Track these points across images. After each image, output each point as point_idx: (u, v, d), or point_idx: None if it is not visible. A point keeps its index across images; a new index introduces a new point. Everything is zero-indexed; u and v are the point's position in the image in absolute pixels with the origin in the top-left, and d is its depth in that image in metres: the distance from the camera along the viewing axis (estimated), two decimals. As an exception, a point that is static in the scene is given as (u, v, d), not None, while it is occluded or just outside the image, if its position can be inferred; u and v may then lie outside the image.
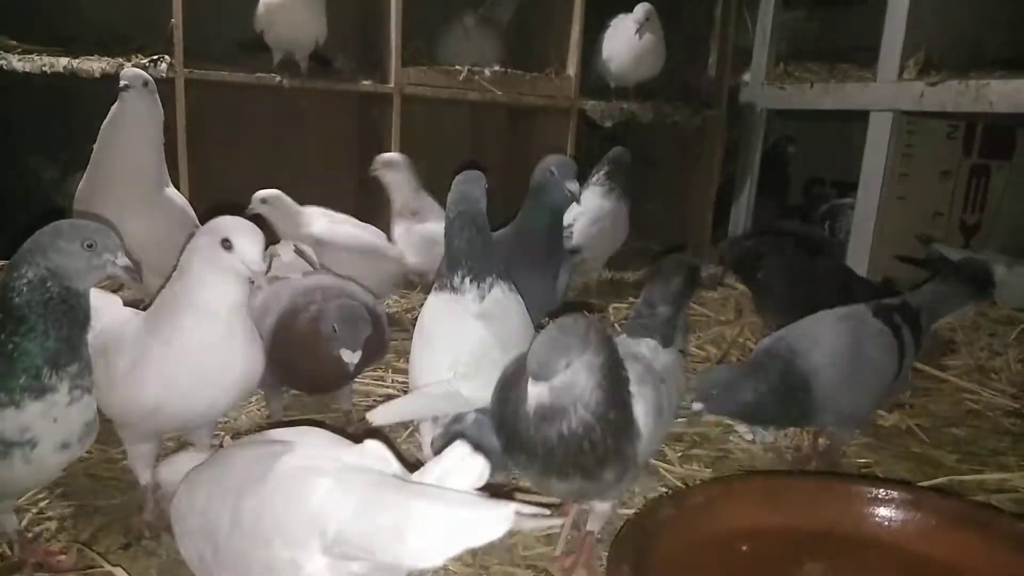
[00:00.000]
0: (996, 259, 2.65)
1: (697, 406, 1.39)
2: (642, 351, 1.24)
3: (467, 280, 1.39)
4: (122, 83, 1.87)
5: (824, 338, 1.47)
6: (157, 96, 1.95)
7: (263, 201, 2.30)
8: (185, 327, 1.19)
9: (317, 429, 1.01)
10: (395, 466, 0.88)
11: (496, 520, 0.74)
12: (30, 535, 1.27)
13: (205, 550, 0.92)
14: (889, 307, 1.58)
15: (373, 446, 0.90)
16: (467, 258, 1.40)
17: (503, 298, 1.41)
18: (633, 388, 1.11)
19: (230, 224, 1.19)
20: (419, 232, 2.56)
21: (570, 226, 2.57)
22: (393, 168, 2.59)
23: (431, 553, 0.76)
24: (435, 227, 2.50)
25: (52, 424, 1.05)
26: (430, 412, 1.34)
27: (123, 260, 1.09)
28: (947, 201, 3.25)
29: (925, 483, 1.52)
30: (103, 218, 1.55)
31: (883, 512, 1.20)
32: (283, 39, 2.82)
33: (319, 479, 0.83)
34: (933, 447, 1.72)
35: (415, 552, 0.76)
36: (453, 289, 1.39)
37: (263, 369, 1.30)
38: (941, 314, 1.68)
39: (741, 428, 1.75)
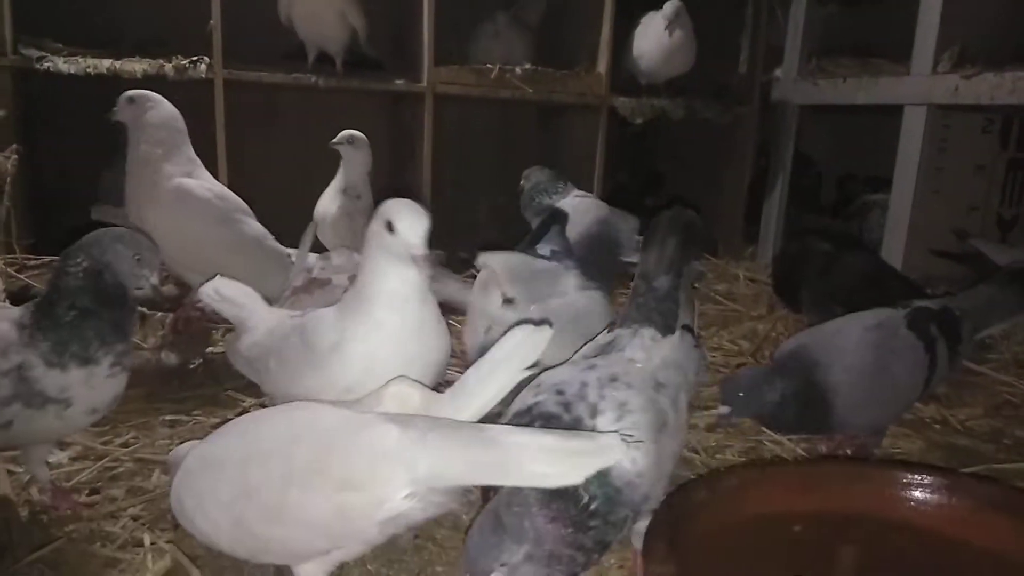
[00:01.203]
0: (1034, 253, 2.62)
1: (724, 410, 1.37)
2: (636, 352, 1.11)
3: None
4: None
5: (848, 351, 1.40)
6: (147, 105, 2.03)
7: (350, 141, 2.46)
8: (378, 316, 1.20)
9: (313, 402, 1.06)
10: (417, 397, 1.00)
11: (605, 446, 0.89)
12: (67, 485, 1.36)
13: (245, 513, 0.96)
14: (927, 315, 1.48)
15: (395, 387, 1.01)
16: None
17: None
18: (629, 421, 0.98)
19: (392, 206, 1.19)
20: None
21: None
22: (355, 146, 2.56)
23: (551, 476, 0.87)
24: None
25: (89, 390, 1.20)
26: None
27: (154, 280, 1.25)
28: (983, 195, 3.21)
29: (962, 471, 1.52)
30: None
31: (918, 496, 1.19)
32: (307, 34, 2.88)
33: (386, 425, 0.92)
34: (969, 437, 1.72)
35: (535, 476, 0.88)
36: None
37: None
38: (990, 323, 1.56)
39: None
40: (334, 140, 2.54)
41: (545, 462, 0.87)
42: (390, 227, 1.17)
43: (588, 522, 0.93)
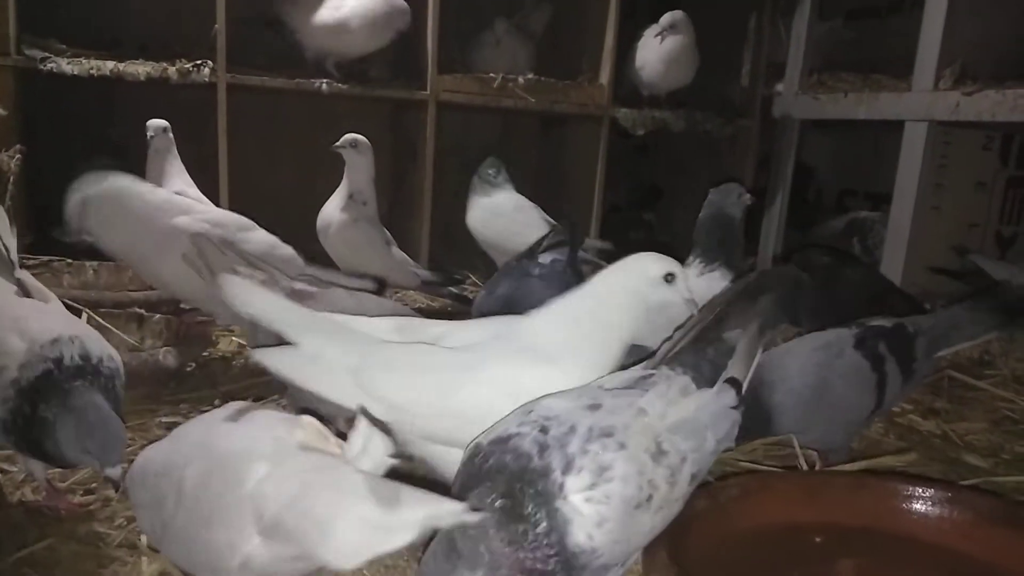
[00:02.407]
0: (1033, 270, 2.62)
1: None
2: (654, 403, 0.98)
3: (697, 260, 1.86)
4: None
5: (790, 373, 1.40)
6: None
7: (353, 144, 2.44)
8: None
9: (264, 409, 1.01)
10: (332, 441, 0.89)
11: (404, 527, 0.74)
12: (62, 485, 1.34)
13: (156, 524, 0.93)
14: (876, 333, 1.47)
15: (309, 421, 0.90)
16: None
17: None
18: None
19: (666, 261, 1.20)
20: (363, 230, 2.52)
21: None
22: (359, 150, 2.53)
23: (345, 556, 0.76)
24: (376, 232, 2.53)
25: None
26: None
27: None
28: (983, 212, 3.22)
29: (962, 484, 1.51)
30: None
31: (919, 509, 1.19)
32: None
33: (255, 464, 0.84)
34: (969, 451, 1.71)
35: (332, 552, 0.76)
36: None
37: None
38: (953, 342, 1.54)
39: None
40: (336, 144, 2.52)
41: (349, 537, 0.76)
42: (669, 278, 1.17)
43: (547, 550, 0.86)
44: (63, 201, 2.07)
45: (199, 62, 2.69)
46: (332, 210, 2.53)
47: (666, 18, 3.06)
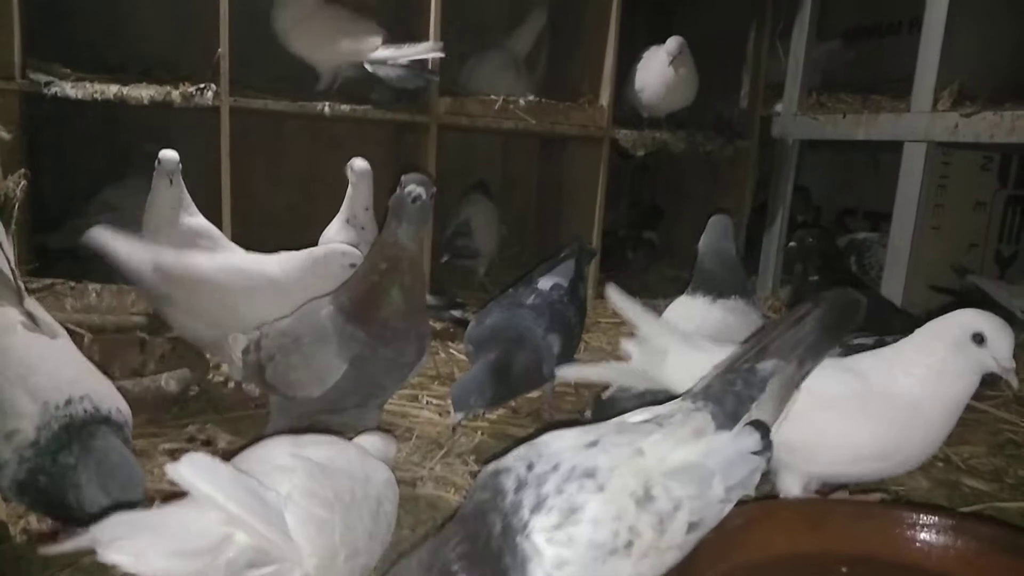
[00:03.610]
0: (1034, 290, 2.64)
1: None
2: (657, 445, 0.92)
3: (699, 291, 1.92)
4: None
5: None
6: None
7: (351, 168, 2.48)
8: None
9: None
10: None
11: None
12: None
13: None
14: (858, 351, 1.39)
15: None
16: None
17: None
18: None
19: (983, 319, 1.21)
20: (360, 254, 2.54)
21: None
22: (356, 174, 2.56)
23: None
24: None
25: None
26: (610, 379, 1.58)
27: None
28: (982, 232, 3.23)
29: (965, 509, 1.51)
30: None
31: (924, 537, 1.19)
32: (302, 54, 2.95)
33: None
34: (971, 475, 1.71)
35: None
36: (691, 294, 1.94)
37: None
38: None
39: None
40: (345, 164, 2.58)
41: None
42: (978, 339, 1.19)
43: None
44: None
45: (202, 85, 2.71)
46: (331, 234, 2.55)
47: (673, 44, 3.09)
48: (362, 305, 1.44)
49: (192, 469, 0.86)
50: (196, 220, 2.29)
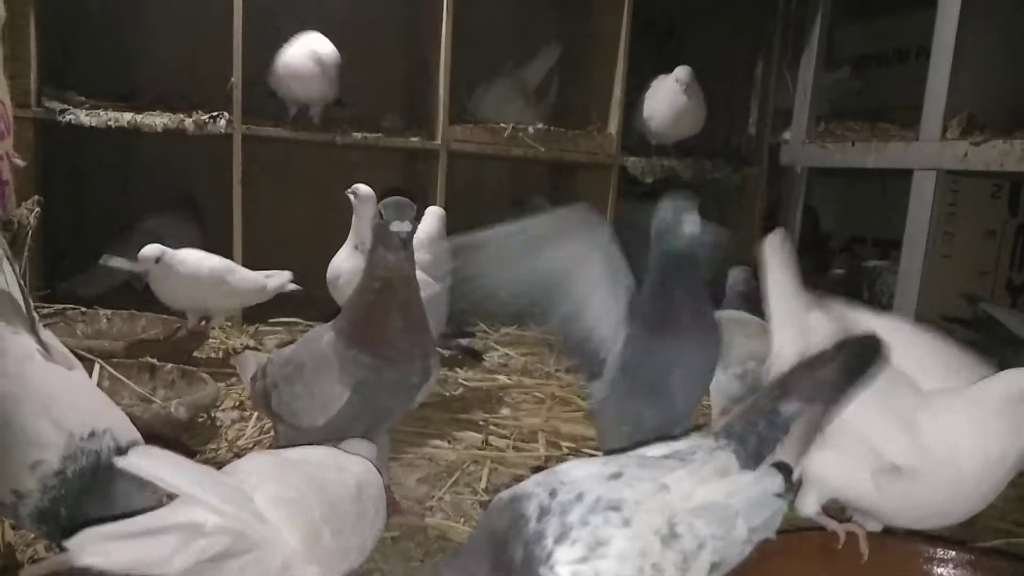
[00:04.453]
0: (1044, 319, 2.61)
1: None
2: (682, 481, 0.91)
3: None
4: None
5: None
6: None
7: (354, 193, 2.47)
8: None
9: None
10: None
11: None
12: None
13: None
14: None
15: None
16: None
17: None
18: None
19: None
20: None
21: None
22: (359, 199, 2.52)
23: None
24: None
25: None
26: None
27: None
28: (993, 260, 3.21)
29: (982, 544, 1.49)
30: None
31: (941, 572, 1.18)
32: (297, 91, 2.95)
33: None
34: (990, 510, 1.67)
35: None
36: None
37: None
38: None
39: None
40: (348, 190, 2.56)
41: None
42: None
43: None
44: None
45: (215, 113, 2.74)
46: (340, 261, 2.54)
47: (683, 73, 3.10)
48: (361, 328, 1.43)
49: (146, 458, 0.89)
50: None
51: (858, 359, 1.04)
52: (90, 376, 1.70)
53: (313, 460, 1.10)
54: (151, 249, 2.29)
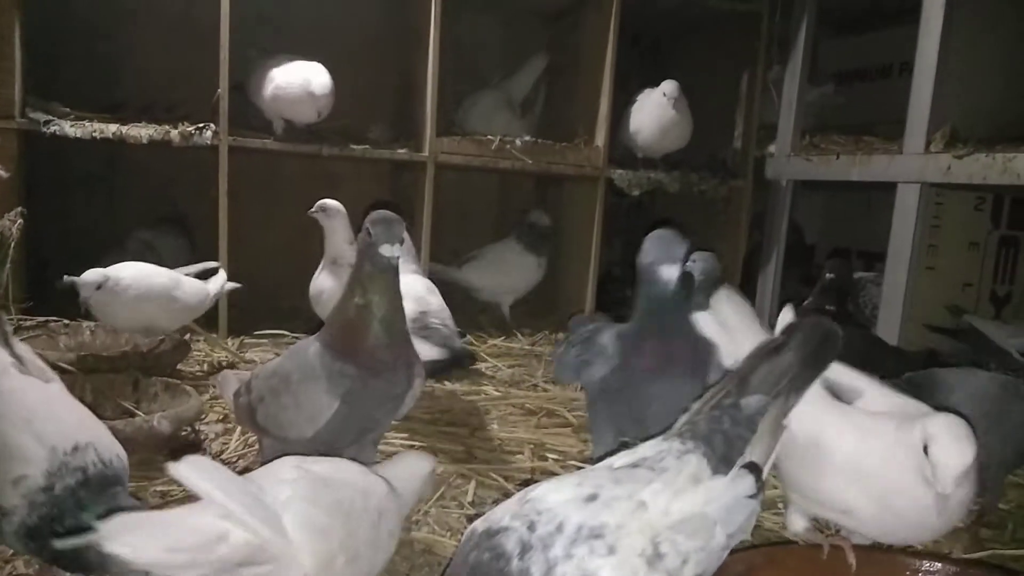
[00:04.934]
0: (1029, 331, 2.64)
1: None
2: (658, 495, 0.90)
3: None
4: None
5: None
6: None
7: (323, 209, 2.45)
8: None
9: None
10: None
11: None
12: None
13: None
14: None
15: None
16: None
17: None
18: None
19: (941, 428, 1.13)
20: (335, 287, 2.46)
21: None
22: (328, 215, 2.51)
23: None
24: None
25: None
26: None
27: None
28: (977, 272, 3.24)
29: (968, 556, 1.49)
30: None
31: (927, 585, 1.18)
32: (285, 109, 2.90)
33: None
34: (972, 522, 1.69)
35: None
36: None
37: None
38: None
39: None
40: (311, 210, 2.52)
41: None
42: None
43: None
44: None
45: (201, 125, 2.73)
46: (321, 279, 2.53)
47: (671, 87, 3.13)
48: (345, 340, 1.43)
49: (191, 468, 0.92)
50: None
51: (813, 346, 1.04)
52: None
53: (345, 481, 1.11)
54: (92, 275, 2.13)
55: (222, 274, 2.45)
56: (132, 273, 2.19)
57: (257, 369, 1.58)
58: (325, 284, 2.51)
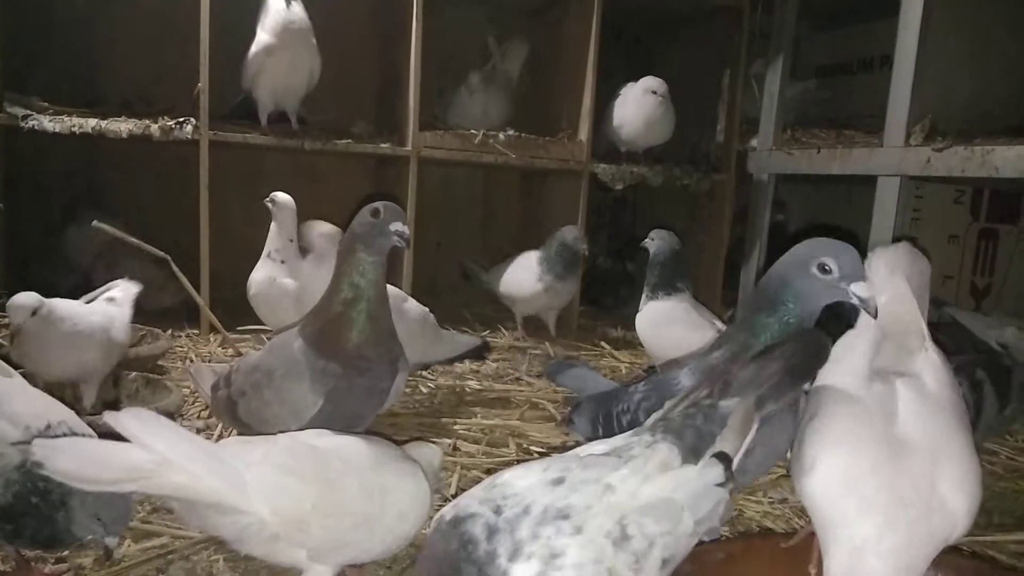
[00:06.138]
0: (1007, 322, 2.66)
1: None
2: (626, 480, 0.91)
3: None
4: None
5: None
6: None
7: (271, 201, 2.42)
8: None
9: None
10: None
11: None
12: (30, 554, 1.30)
13: None
14: None
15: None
16: None
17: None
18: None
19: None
20: (280, 287, 2.48)
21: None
22: (276, 207, 2.48)
23: None
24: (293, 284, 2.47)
25: None
26: None
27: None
28: (957, 264, 3.28)
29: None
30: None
31: (905, 571, 1.18)
32: (274, 94, 2.87)
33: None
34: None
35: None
36: None
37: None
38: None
39: None
40: (266, 199, 2.51)
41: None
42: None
43: None
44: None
45: (182, 119, 2.71)
46: (255, 271, 2.52)
47: (655, 82, 3.15)
48: (331, 338, 1.43)
49: (131, 417, 0.99)
50: None
51: (801, 358, 1.04)
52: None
53: (342, 455, 1.16)
54: (27, 299, 1.74)
55: (125, 289, 2.07)
56: (68, 307, 1.85)
57: (236, 362, 1.58)
58: (254, 277, 2.50)
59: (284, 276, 2.48)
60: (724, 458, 0.96)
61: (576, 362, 1.74)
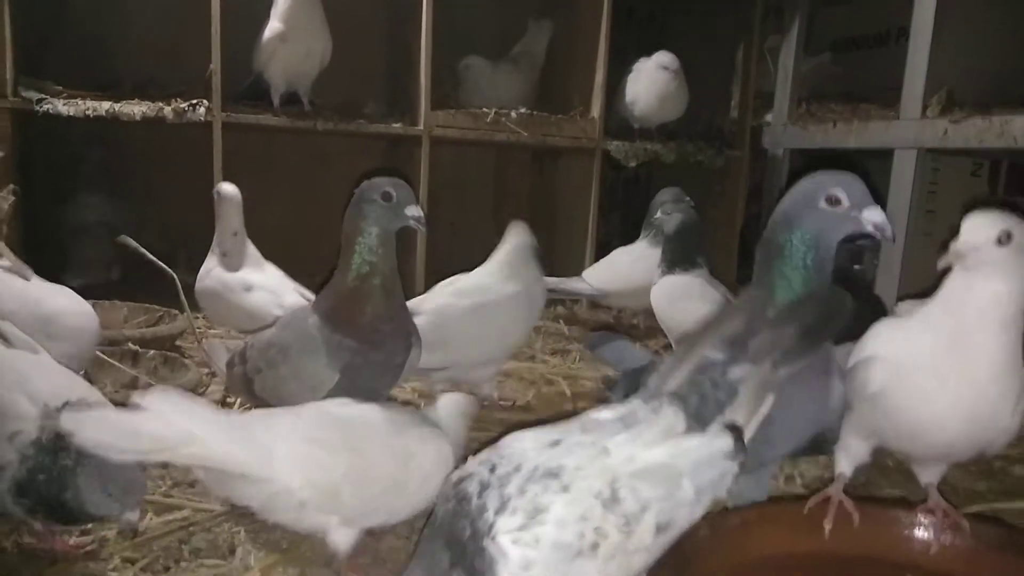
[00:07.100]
0: None
1: None
2: (623, 445, 0.91)
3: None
4: None
5: None
6: None
7: (217, 193, 2.31)
8: None
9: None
10: None
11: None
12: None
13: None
14: None
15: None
16: None
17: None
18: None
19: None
20: (217, 278, 2.27)
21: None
22: (220, 199, 2.31)
23: None
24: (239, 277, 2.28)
25: None
26: None
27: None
28: (974, 238, 3.24)
29: (964, 510, 1.50)
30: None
31: (921, 537, 1.19)
32: (287, 76, 2.85)
33: None
34: (969, 477, 1.70)
35: None
36: None
37: None
38: None
39: None
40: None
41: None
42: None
43: None
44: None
45: (195, 101, 2.71)
46: (202, 274, 2.32)
47: (667, 57, 3.13)
48: (346, 313, 1.44)
49: (160, 398, 1.02)
50: None
51: (819, 317, 1.02)
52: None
53: (366, 422, 1.21)
54: None
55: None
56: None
57: (251, 338, 1.59)
58: (203, 282, 2.29)
59: (225, 271, 2.29)
60: (735, 429, 0.95)
61: (616, 335, 1.73)
